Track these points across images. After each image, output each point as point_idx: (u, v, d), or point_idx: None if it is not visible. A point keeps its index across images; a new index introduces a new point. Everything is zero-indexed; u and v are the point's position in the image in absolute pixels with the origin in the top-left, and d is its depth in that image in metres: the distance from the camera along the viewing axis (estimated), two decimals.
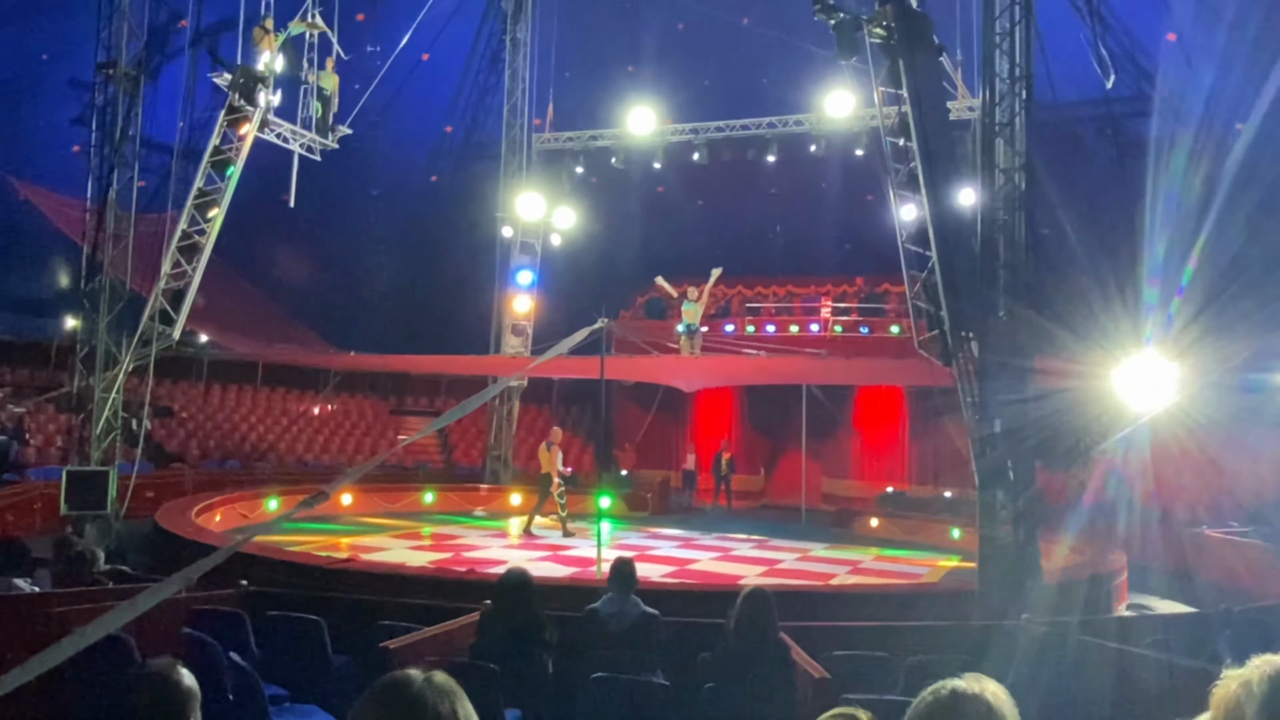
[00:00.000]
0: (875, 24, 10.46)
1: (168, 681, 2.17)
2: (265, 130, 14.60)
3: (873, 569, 14.30)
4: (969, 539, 12.91)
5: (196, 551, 10.40)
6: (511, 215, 20.35)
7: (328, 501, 15.94)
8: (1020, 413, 9.52)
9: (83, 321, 13.10)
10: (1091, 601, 10.28)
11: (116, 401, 12.85)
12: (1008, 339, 9.64)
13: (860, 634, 6.97)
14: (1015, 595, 9.12)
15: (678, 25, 20.47)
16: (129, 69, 12.97)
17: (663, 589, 10.62)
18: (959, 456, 19.54)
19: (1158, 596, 12.73)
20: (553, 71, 20.48)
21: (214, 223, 13.59)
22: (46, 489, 14.03)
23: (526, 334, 20.88)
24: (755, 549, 15.86)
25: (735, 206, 23.02)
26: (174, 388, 22.22)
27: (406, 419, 24.87)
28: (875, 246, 18.04)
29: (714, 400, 24.47)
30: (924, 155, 9.94)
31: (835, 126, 17.89)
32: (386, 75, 18.03)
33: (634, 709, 4.99)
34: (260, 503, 16.50)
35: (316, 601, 7.15)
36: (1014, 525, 9.48)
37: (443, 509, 19.16)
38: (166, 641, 5.47)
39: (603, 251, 22.28)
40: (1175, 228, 16.93)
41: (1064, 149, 17.19)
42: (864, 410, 22.95)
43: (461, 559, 13.41)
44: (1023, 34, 9.80)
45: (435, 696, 1.32)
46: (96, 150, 13.05)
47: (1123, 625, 7.32)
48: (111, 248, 12.82)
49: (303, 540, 13.54)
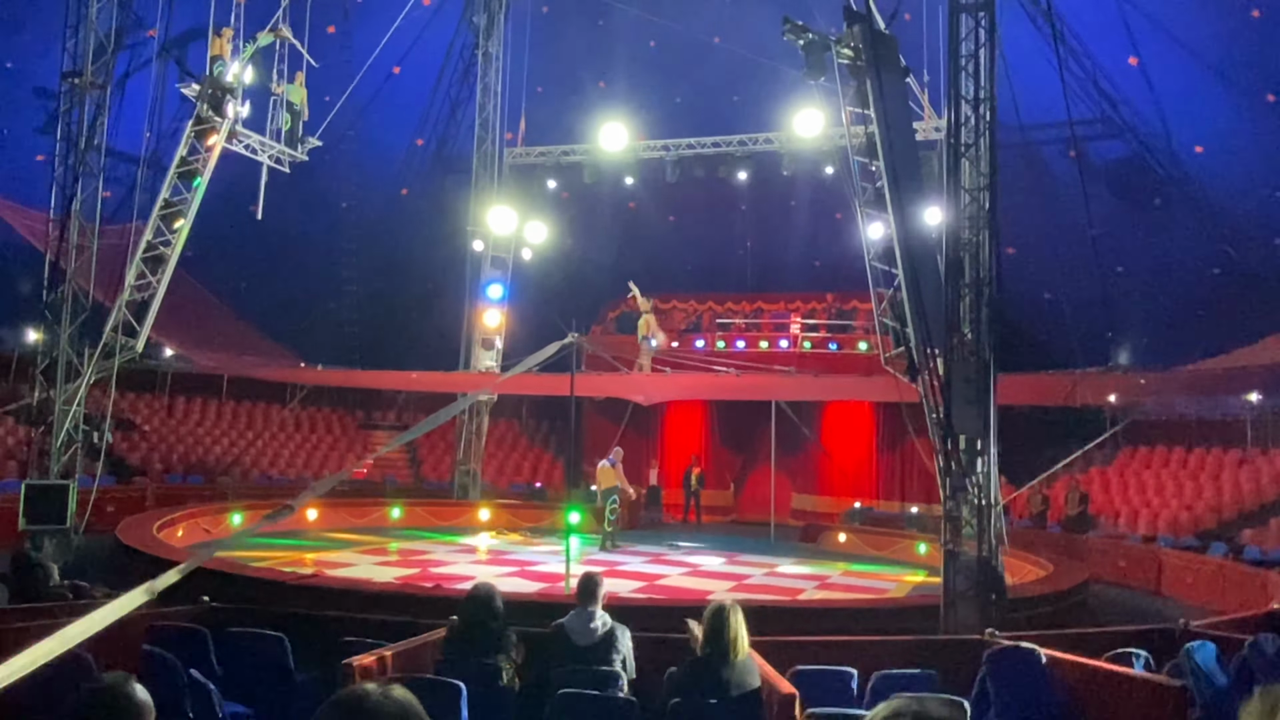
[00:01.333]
0: (843, 45, 10.62)
1: (120, 695, 2.14)
2: (233, 141, 14.51)
3: (840, 584, 14.37)
4: (935, 554, 13.01)
5: (158, 567, 10.24)
6: (482, 229, 20.33)
7: (293, 516, 15.80)
8: (985, 429, 9.63)
9: (44, 333, 12.89)
10: (1053, 615, 10.40)
11: (78, 414, 12.65)
12: (973, 356, 9.76)
13: (827, 648, 7.00)
14: (980, 610, 9.21)
15: (649, 43, 20.60)
16: (95, 78, 12.83)
17: (631, 605, 10.60)
18: (926, 472, 19.72)
19: (1119, 611, 12.89)
20: (525, 86, 20.53)
21: (180, 234, 13.46)
22: (4, 503, 13.76)
23: (496, 348, 20.83)
24: (724, 564, 15.88)
25: (706, 223, 23.14)
26: (137, 400, 21.90)
27: (374, 433, 24.67)
28: (844, 264, 18.21)
29: (684, 416, 24.51)
30: (891, 174, 10.08)
31: (804, 145, 18.07)
32: (357, 88, 17.98)
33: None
34: (224, 518, 16.29)
35: (280, 618, 7.07)
36: (978, 540, 9.57)
37: (410, 524, 19.00)
38: (125, 658, 5.38)
39: (574, 266, 22.30)
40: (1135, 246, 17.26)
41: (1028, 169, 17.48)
42: (832, 426, 23.09)
43: (428, 574, 13.30)
44: (987, 56, 9.97)
45: (393, 710, 1.32)
46: (61, 160, 12.89)
47: (1085, 640, 7.40)
48: (75, 258, 12.64)
49: (267, 556, 13.38)
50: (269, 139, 15.58)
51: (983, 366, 9.66)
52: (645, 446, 24.81)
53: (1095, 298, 16.84)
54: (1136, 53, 17.22)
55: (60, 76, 13.09)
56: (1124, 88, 17.75)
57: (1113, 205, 18.06)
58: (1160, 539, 16.34)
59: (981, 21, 9.95)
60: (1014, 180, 15.32)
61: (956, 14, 10.01)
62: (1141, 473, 19.30)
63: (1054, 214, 17.88)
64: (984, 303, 9.76)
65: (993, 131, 10.02)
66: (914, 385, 10.21)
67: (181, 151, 13.75)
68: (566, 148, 20.60)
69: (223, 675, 5.92)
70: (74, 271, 12.63)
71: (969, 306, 9.90)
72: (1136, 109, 17.91)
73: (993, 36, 9.95)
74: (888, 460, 22.42)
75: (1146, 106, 17.75)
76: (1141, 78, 17.43)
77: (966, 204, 10.05)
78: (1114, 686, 5.86)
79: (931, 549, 15.11)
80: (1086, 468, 20.08)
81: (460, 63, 21.62)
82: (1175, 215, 18.23)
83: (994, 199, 9.99)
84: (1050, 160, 18.88)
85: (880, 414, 22.12)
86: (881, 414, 22.04)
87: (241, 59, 14.43)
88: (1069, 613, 11.05)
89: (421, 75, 21.20)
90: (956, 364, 9.71)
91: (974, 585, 9.37)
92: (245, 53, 14.52)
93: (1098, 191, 16.77)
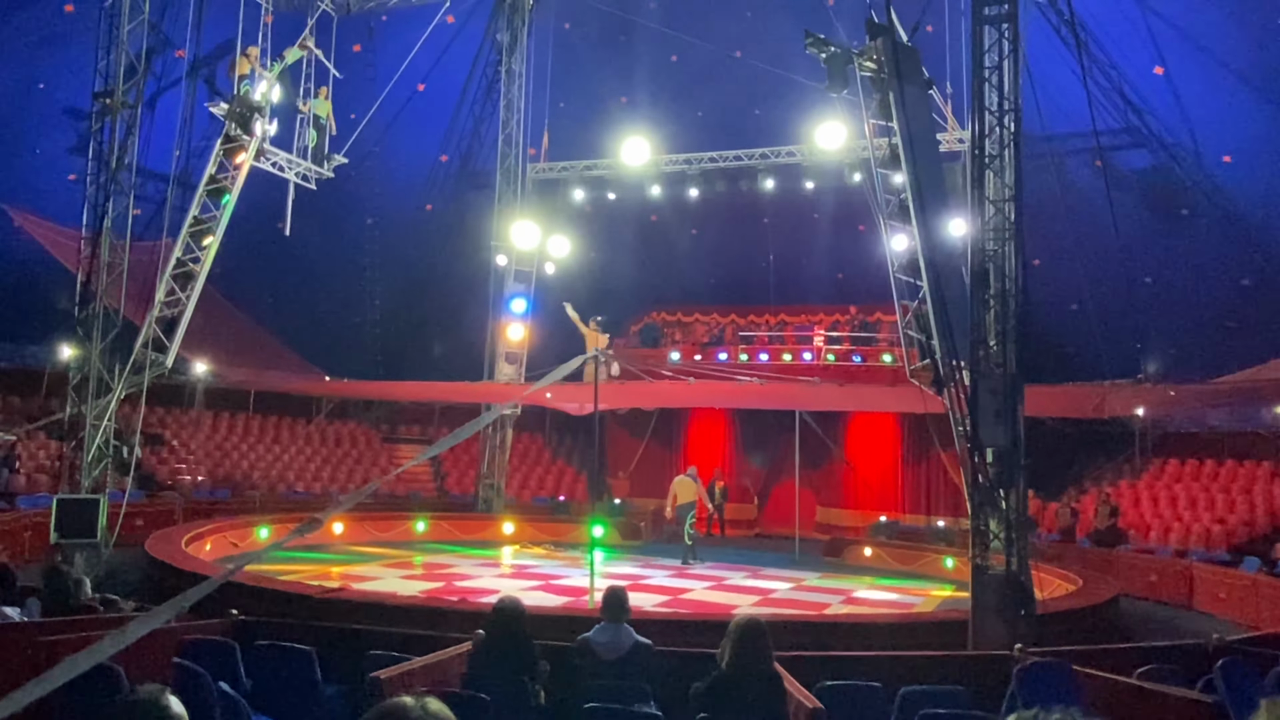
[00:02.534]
0: (866, 58, 10.63)
1: (156, 706, 2.16)
2: (261, 159, 14.69)
3: (866, 599, 14.26)
4: (963, 568, 12.90)
5: (187, 580, 10.34)
6: (506, 244, 20.44)
7: (319, 530, 15.90)
8: (1012, 441, 9.55)
9: (76, 349, 13.07)
10: (1084, 630, 10.27)
11: (108, 429, 12.80)
12: (999, 368, 9.69)
13: (853, 664, 6.96)
14: (1008, 625, 9.12)
15: (671, 57, 20.68)
16: (125, 98, 13.05)
17: (656, 618, 10.57)
18: (952, 485, 19.58)
19: (1151, 626, 12.71)
20: (547, 102, 20.66)
21: (209, 251, 13.63)
22: (36, 517, 13.95)
23: (520, 362, 20.90)
24: (748, 578, 15.81)
25: (728, 236, 23.14)
26: (165, 415, 22.14)
27: (399, 447, 24.79)
28: (867, 276, 18.14)
29: (707, 429, 24.46)
30: (914, 186, 10.06)
31: (827, 158, 18.06)
32: (382, 105, 18.17)
33: None
34: (251, 531, 16.41)
35: (307, 631, 7.12)
36: (1006, 554, 9.48)
37: (435, 538, 19.07)
38: (156, 671, 5.43)
39: (597, 280, 22.35)
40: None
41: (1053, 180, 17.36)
42: (857, 439, 22.96)
43: (453, 588, 13.34)
44: (1011, 67, 9.94)
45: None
46: (93, 178, 13.09)
47: (1116, 656, 7.30)
48: (106, 275, 12.82)
49: (294, 569, 13.47)
50: (296, 156, 15.76)
51: (1009, 379, 9.59)
52: (668, 460, 24.77)
53: (1123, 309, 16.68)
54: (1162, 62, 17.08)
55: (92, 97, 13.32)
56: (1150, 97, 17.61)
57: (1140, 215, 17.90)
58: (1192, 553, 16.10)
59: (1005, 32, 9.93)
60: (1039, 191, 15.24)
61: (980, 25, 10.00)
62: (1172, 486, 19.04)
63: (1080, 225, 17.73)
64: (1010, 314, 9.70)
65: (1017, 142, 9.98)
66: (940, 397, 10.15)
67: (210, 169, 13.95)
68: (589, 162, 20.70)
69: (252, 688, 5.96)
70: (105, 288, 12.80)
71: (995, 318, 9.84)
72: (1163, 119, 17.76)
73: (1016, 47, 9.92)
74: (913, 473, 22.25)
75: (1173, 116, 17.59)
76: (1168, 87, 17.29)
77: (991, 215, 10.01)
78: (1147, 703, 5.77)
79: (959, 563, 14.97)
80: (1116, 481, 19.85)
81: (484, 79, 21.80)
82: (1204, 225, 18.03)
83: (1019, 210, 9.94)
84: (1075, 171, 18.74)
85: (905, 427, 21.98)
86: (906, 426, 21.90)
87: (269, 77, 14.61)
88: (1100, 628, 10.91)
89: (445, 92, 21.39)
90: (983, 376, 9.65)
91: (1002, 600, 9.28)
92: (273, 71, 14.71)
93: (1124, 202, 16.64)
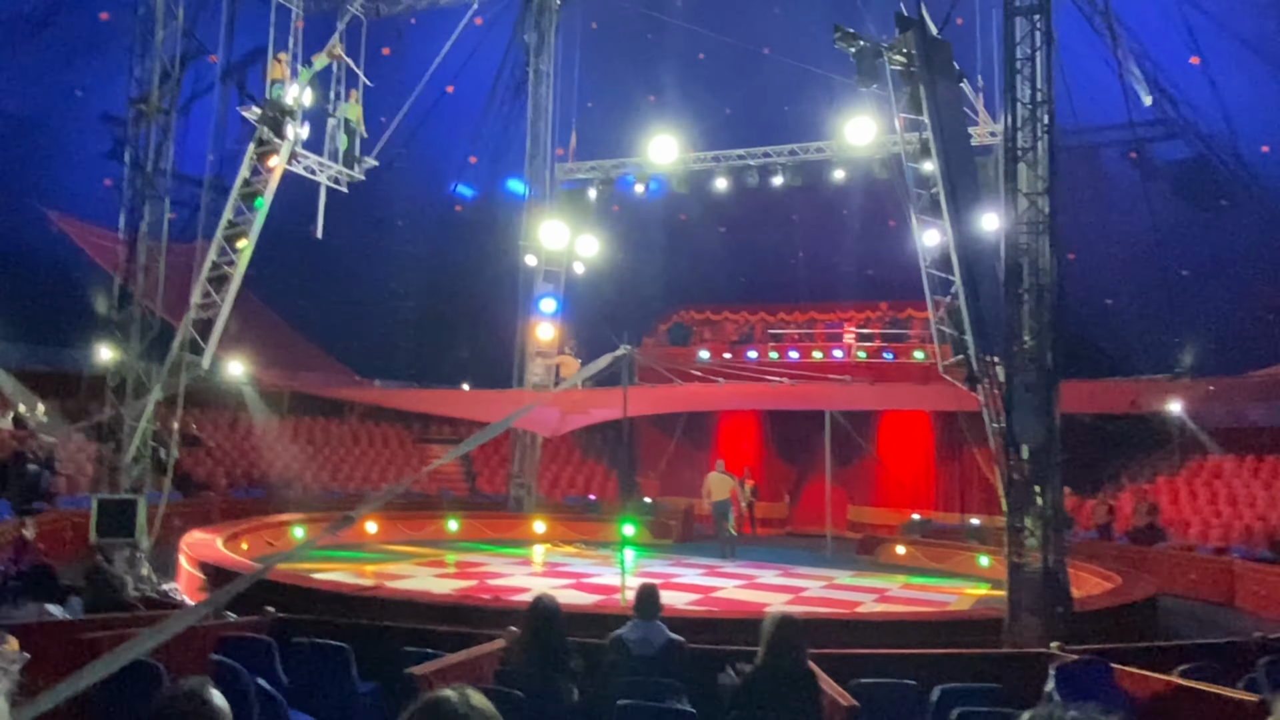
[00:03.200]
0: (895, 51, 10.54)
1: (200, 699, 2.19)
2: (293, 163, 14.83)
3: (900, 597, 14.16)
4: (997, 566, 12.77)
5: (224, 579, 10.47)
6: (535, 244, 20.51)
7: (353, 529, 16.04)
8: (1048, 437, 9.44)
9: (114, 351, 13.26)
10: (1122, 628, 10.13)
11: (146, 430, 12.98)
12: (1034, 363, 9.58)
13: (888, 662, 6.91)
14: (1044, 623, 9.01)
15: (698, 55, 20.64)
16: (160, 104, 13.22)
17: (688, 616, 10.56)
18: (986, 482, 19.37)
19: (1191, 624, 12.52)
20: (575, 102, 20.69)
21: (243, 254, 13.78)
22: (77, 517, 14.18)
23: (550, 362, 20.96)
24: (780, 577, 15.75)
25: (757, 233, 23.07)
26: (201, 417, 22.43)
27: (430, 447, 24.96)
28: (898, 272, 18.00)
29: (737, 428, 24.40)
30: (946, 180, 9.97)
31: (856, 153, 17.94)
32: (411, 107, 18.28)
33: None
34: (286, 530, 16.60)
35: (343, 628, 7.18)
36: (1042, 552, 9.37)
37: (467, 537, 19.17)
38: (195, 667, 5.50)
39: (625, 279, 22.37)
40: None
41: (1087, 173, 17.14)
42: (889, 437, 22.80)
43: (486, 586, 13.41)
44: (1043, 59, 9.82)
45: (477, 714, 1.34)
46: (129, 183, 13.27)
47: (1155, 654, 7.19)
48: (143, 279, 13.00)
49: (328, 568, 13.59)
50: (327, 159, 15.90)
51: (1044, 374, 9.48)
52: (698, 459, 24.73)
53: (1159, 302, 16.44)
54: (1198, 52, 16.81)
55: (127, 103, 13.50)
56: (1185, 88, 17.34)
57: (1176, 207, 17.63)
58: (1232, 550, 15.84)
59: (1037, 24, 9.81)
60: (1073, 184, 15.03)
61: (1011, 17, 9.89)
62: (1212, 482, 18.74)
63: (1115, 217, 17.49)
64: (1045, 309, 9.59)
65: (1051, 134, 9.86)
66: (973, 394, 10.05)
67: (244, 173, 14.10)
68: (617, 161, 20.71)
69: (288, 685, 6.02)
70: (142, 291, 12.98)
71: (1029, 313, 9.73)
72: (1198, 109, 17.48)
73: (1049, 39, 9.80)
74: (946, 471, 22.07)
75: (1209, 106, 17.30)
76: (1203, 77, 17.01)
77: (1024, 209, 9.89)
78: (1188, 702, 5.68)
79: (994, 561, 14.83)
80: (1154, 477, 19.56)
81: (511, 80, 21.87)
82: (1242, 216, 17.72)
83: (1053, 203, 9.82)
84: (1110, 163, 18.49)
85: (938, 424, 21.80)
86: (939, 424, 21.72)
87: (300, 82, 14.75)
88: (1138, 626, 10.75)
89: (474, 94, 21.50)
90: (1017, 372, 9.54)
91: (1039, 598, 9.17)
92: (303, 76, 14.84)
93: (1160, 193, 16.41)
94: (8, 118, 17.63)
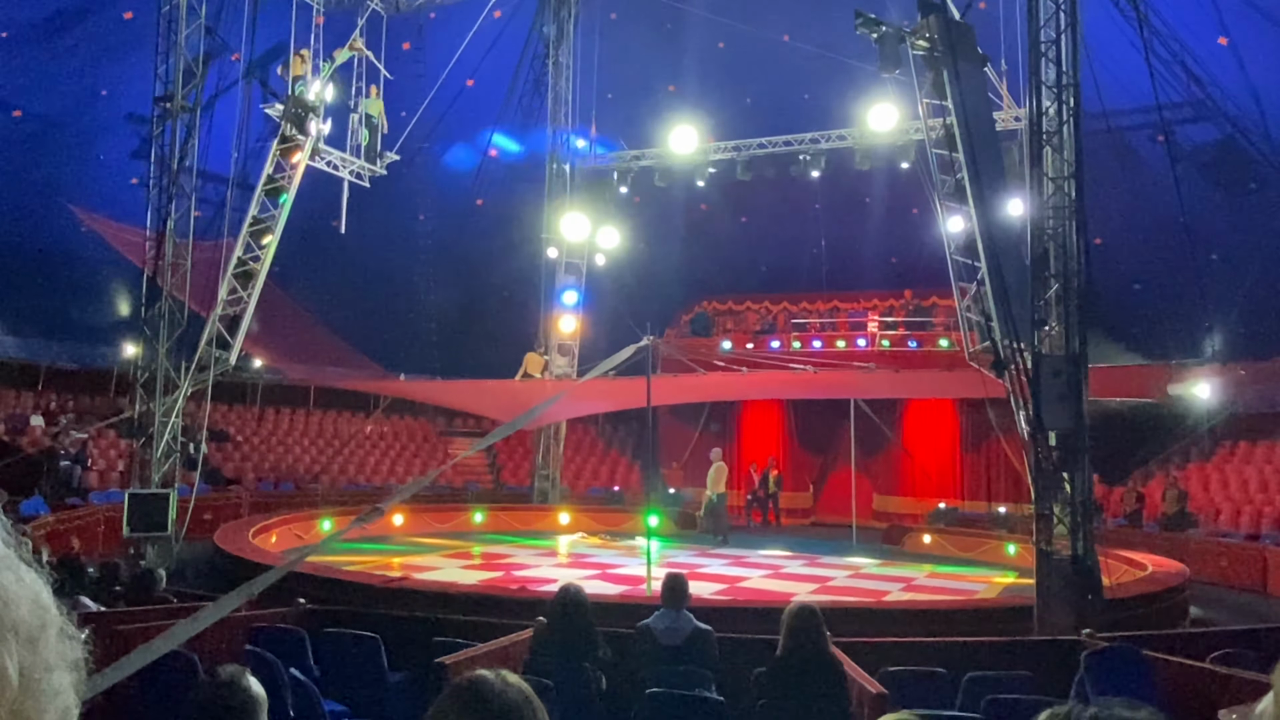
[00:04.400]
0: (918, 36, 10.45)
1: (238, 686, 2.23)
2: (316, 158, 14.92)
3: (926, 585, 14.09)
4: (1025, 555, 12.68)
5: (255, 571, 10.58)
6: (556, 236, 20.53)
7: (380, 521, 16.15)
8: (1075, 424, 9.36)
9: (143, 348, 13.42)
10: (1154, 615, 10.04)
11: (175, 426, 13.14)
12: (1061, 349, 9.50)
13: (917, 650, 6.89)
14: (1075, 610, 8.95)
15: (718, 44, 20.55)
16: (184, 102, 13.34)
17: (714, 606, 10.57)
18: (1012, 470, 19.24)
19: (1222, 611, 12.38)
20: (595, 93, 20.67)
21: (268, 249, 13.90)
22: (109, 512, 14.38)
23: (573, 354, 21.01)
24: (806, 566, 15.72)
25: (779, 223, 22.97)
26: (229, 412, 22.66)
27: (454, 439, 25.10)
28: (922, 260, 17.88)
29: (761, 417, 24.35)
30: (971, 166, 9.88)
31: (879, 140, 17.79)
32: (431, 102, 18.34)
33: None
34: (314, 523, 16.75)
35: (372, 620, 7.25)
36: (1071, 539, 9.30)
37: (492, 528, 19.27)
38: (228, 658, 5.56)
39: (647, 270, 22.35)
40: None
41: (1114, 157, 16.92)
42: (914, 426, 22.68)
43: (512, 577, 13.47)
44: (1069, 41, 9.70)
45: (515, 695, 1.35)
46: (155, 181, 13.41)
47: (1187, 641, 7.13)
48: (170, 275, 13.14)
49: (356, 560, 13.71)
50: (349, 155, 15.99)
51: (1072, 360, 9.39)
52: (724, 449, 24.71)
53: (1189, 287, 16.21)
54: (1226, 33, 16.54)
55: (152, 101, 13.64)
56: (1213, 69, 17.07)
57: (1205, 191, 17.38)
58: (1265, 537, 15.65)
59: (1063, 5, 9.69)
60: (1099, 168, 14.85)
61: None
62: (1243, 468, 18.51)
63: (1143, 202, 17.27)
64: (1072, 294, 9.49)
65: (1077, 118, 9.74)
66: (1000, 380, 9.98)
67: (268, 170, 14.21)
68: (637, 152, 20.67)
69: (320, 675, 6.09)
70: (170, 288, 13.12)
71: (1056, 298, 9.64)
72: (1227, 91, 17.21)
73: (1074, 21, 9.68)
74: (972, 459, 21.92)
75: (1238, 88, 17.04)
76: (1232, 58, 16.75)
77: (1051, 193, 9.79)
78: (1222, 688, 5.63)
79: (1021, 550, 14.72)
80: (1184, 464, 19.35)
81: (531, 73, 21.88)
82: (1272, 199, 17.45)
83: (1080, 188, 9.71)
84: (1137, 146, 18.25)
85: (963, 412, 21.66)
86: (964, 412, 21.57)
87: (322, 77, 14.83)
88: (1170, 613, 10.66)
89: (494, 87, 21.52)
90: (1045, 358, 9.46)
91: (1069, 585, 9.11)
92: (325, 71, 14.92)
93: (1188, 177, 16.17)
94: (36, 118, 17.86)
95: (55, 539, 12.22)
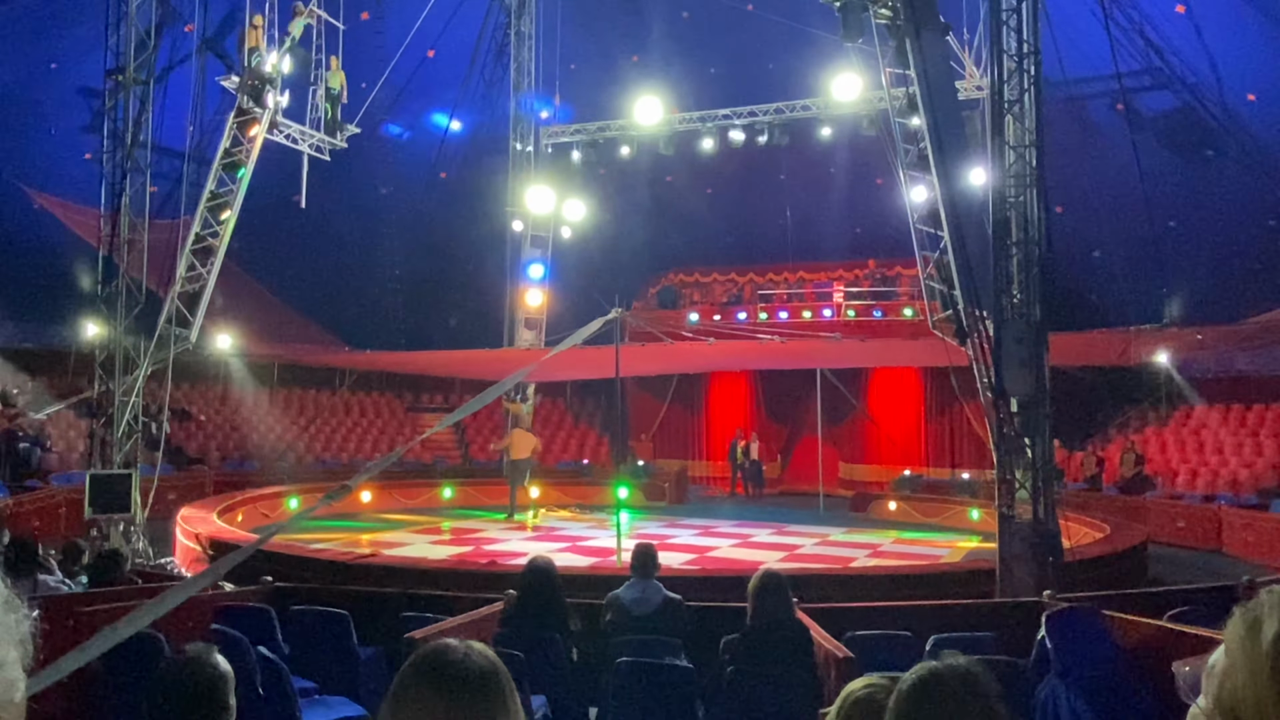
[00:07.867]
0: (881, 5, 10.43)
1: (206, 664, 2.22)
2: (274, 132, 14.64)
3: (892, 551, 14.31)
4: (988, 520, 12.90)
5: (221, 551, 10.51)
6: (521, 209, 20.38)
7: (348, 499, 16.07)
8: (1037, 390, 9.50)
9: (101, 327, 13.18)
10: (1112, 576, 10.27)
11: (136, 405, 12.94)
12: (1023, 316, 9.62)
13: (882, 614, 7.00)
14: (1036, 573, 9.13)
15: (682, 14, 20.40)
16: (137, 75, 13.01)
17: (684, 575, 10.66)
18: (976, 437, 19.53)
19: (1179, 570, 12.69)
20: (558, 64, 20.46)
21: (227, 225, 13.65)
22: (70, 494, 14.17)
23: (539, 327, 20.94)
24: (774, 535, 15.89)
25: (744, 193, 22.96)
26: (191, 390, 22.36)
27: (422, 416, 24.97)
28: (886, 229, 17.98)
29: (729, 389, 24.47)
30: (933, 135, 9.92)
31: (843, 110, 17.81)
32: (392, 74, 18.05)
33: (659, 691, 5.03)
34: (281, 502, 16.63)
35: (341, 596, 7.23)
36: (1033, 503, 9.47)
37: (462, 503, 19.25)
38: (195, 638, 5.52)
39: (613, 242, 22.28)
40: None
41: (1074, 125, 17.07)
42: (879, 394, 22.92)
43: (482, 551, 13.49)
44: (1029, 10, 9.74)
45: (480, 663, 1.34)
46: (109, 156, 13.10)
47: (1144, 600, 7.30)
48: (127, 253, 12.88)
49: (324, 537, 13.66)
50: (309, 128, 15.71)
51: (1033, 327, 9.52)
52: (690, 421, 24.83)
53: (1147, 253, 16.45)
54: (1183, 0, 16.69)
55: (104, 75, 13.28)
56: (1171, 36, 17.23)
57: (1163, 158, 17.59)
58: (1220, 497, 16.03)
59: None
60: (1060, 136, 14.98)
61: None
62: (1199, 431, 18.92)
63: (1102, 169, 17.45)
64: (1033, 262, 9.60)
65: (1037, 87, 9.81)
66: (963, 348, 10.09)
67: (225, 144, 13.91)
68: (602, 124, 20.52)
69: (289, 652, 6.06)
70: (126, 266, 12.87)
71: (1018, 266, 9.74)
72: (1185, 58, 17.38)
73: None
74: (936, 427, 22.21)
75: (1196, 55, 17.21)
76: (1190, 25, 16.90)
77: (1012, 162, 9.87)
78: (1177, 645, 5.77)
79: (984, 514, 14.98)
80: (1142, 428, 19.73)
81: (493, 43, 21.61)
82: (1228, 166, 17.72)
83: (1040, 156, 9.80)
84: (1097, 114, 18.42)
85: (927, 380, 21.91)
86: (929, 380, 21.83)
87: (281, 51, 14.52)
88: (1128, 574, 10.90)
89: (455, 58, 21.23)
90: (1006, 325, 9.58)
91: (1030, 548, 9.28)
92: (284, 44, 14.60)
93: (1147, 144, 16.34)
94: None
95: (15, 521, 12.02)
